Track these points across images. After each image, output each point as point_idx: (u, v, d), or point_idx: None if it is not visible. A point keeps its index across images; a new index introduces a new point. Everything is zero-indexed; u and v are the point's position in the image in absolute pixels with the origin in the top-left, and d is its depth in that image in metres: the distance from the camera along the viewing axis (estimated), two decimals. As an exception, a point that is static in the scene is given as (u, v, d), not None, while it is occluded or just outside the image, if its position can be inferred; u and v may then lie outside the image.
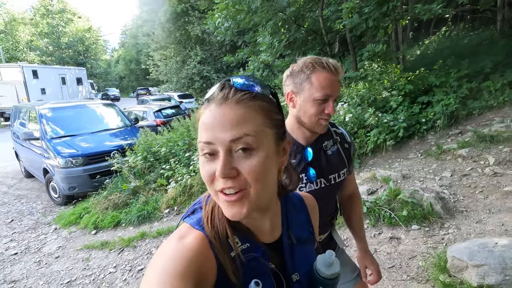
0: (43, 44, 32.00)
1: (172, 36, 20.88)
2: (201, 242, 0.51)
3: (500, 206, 2.78)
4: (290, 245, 0.62)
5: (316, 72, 0.96)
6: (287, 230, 0.63)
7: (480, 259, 1.90)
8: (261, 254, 0.56)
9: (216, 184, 0.50)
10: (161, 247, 0.51)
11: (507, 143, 3.73)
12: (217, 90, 0.52)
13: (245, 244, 0.55)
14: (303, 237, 0.66)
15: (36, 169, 5.75)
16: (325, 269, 0.60)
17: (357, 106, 5.04)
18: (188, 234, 0.52)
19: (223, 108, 0.49)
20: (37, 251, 3.56)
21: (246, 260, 0.54)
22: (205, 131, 0.49)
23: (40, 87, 16.20)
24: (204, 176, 0.51)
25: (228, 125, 0.48)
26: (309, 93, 0.97)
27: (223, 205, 0.51)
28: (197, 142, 0.52)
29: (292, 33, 7.48)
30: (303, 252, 0.65)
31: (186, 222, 0.56)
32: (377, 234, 2.77)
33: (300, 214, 0.70)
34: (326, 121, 1.00)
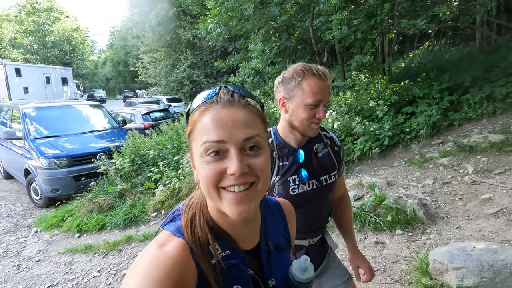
0: (27, 42, 31.08)
1: (163, 40, 20.78)
2: (182, 249, 0.51)
3: (478, 212, 2.92)
4: (267, 252, 0.63)
5: (306, 79, 1.01)
6: (265, 237, 0.64)
7: (459, 262, 1.99)
8: (241, 261, 0.57)
9: (224, 181, 0.50)
10: (141, 254, 0.51)
11: (484, 153, 3.92)
12: (221, 93, 0.54)
13: (226, 251, 0.56)
14: (280, 244, 0.68)
15: (16, 170, 5.55)
16: (300, 274, 0.62)
17: (345, 115, 5.18)
18: (169, 241, 0.52)
19: (233, 110, 0.51)
20: (16, 255, 3.43)
21: (227, 267, 0.55)
22: (215, 130, 0.50)
23: (23, 86, 15.69)
24: (209, 176, 0.50)
25: (242, 125, 0.51)
26: (301, 99, 1.02)
27: (229, 203, 0.51)
28: (186, 143, 0.54)
29: (283, 41, 7.63)
30: (279, 259, 0.66)
31: (166, 229, 0.55)
32: (362, 239, 2.85)
33: (278, 221, 0.71)
34: (317, 125, 1.05)
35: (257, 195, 0.53)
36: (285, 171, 1.10)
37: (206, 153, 0.50)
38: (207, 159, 0.51)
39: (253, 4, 6.44)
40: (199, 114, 0.53)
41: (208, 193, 0.52)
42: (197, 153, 0.52)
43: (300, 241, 1.17)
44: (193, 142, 0.54)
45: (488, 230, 2.64)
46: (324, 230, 1.26)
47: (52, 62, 30.40)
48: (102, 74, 47.64)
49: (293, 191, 1.09)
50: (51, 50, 32.84)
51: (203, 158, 0.51)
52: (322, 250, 1.26)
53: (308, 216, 1.15)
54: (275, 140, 1.12)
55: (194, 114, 0.54)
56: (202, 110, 0.53)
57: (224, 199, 0.51)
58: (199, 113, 0.53)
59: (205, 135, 0.50)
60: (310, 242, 1.18)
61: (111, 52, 48.21)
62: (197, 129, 0.52)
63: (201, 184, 0.53)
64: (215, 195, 0.52)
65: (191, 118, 0.55)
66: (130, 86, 40.54)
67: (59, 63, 30.12)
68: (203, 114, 0.52)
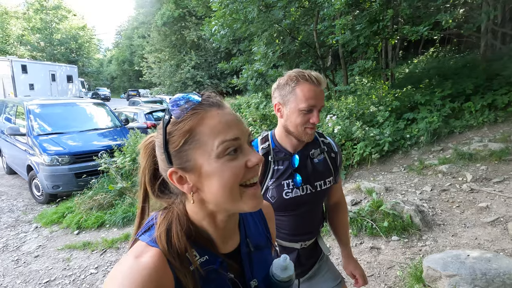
0: (34, 39, 31.42)
1: (168, 40, 20.94)
2: (158, 259, 0.51)
3: (474, 221, 2.92)
4: (248, 253, 0.64)
5: (299, 85, 1.04)
6: (245, 238, 0.65)
7: (453, 270, 2.00)
8: (220, 265, 0.57)
9: (246, 175, 0.53)
10: (117, 266, 0.51)
11: (484, 162, 3.92)
12: (209, 97, 0.56)
13: (204, 256, 0.56)
14: (261, 244, 0.68)
15: (19, 165, 5.61)
16: (280, 273, 0.63)
17: (346, 119, 5.20)
18: (144, 252, 0.52)
19: (227, 110, 0.55)
20: (16, 250, 3.47)
21: (205, 272, 0.55)
22: (229, 129, 0.52)
23: (29, 83, 15.89)
24: (236, 173, 0.51)
25: (241, 122, 0.56)
26: (295, 104, 1.04)
27: (250, 197, 0.54)
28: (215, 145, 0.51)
29: (286, 44, 7.67)
30: (260, 259, 0.67)
31: (142, 240, 0.55)
32: (358, 244, 2.85)
33: (257, 222, 0.72)
34: (312, 129, 1.06)
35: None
36: (279, 175, 1.12)
37: (224, 153, 0.51)
38: (227, 159, 0.51)
39: (257, 7, 6.49)
40: (196, 120, 0.52)
41: (230, 193, 0.52)
42: (210, 158, 0.51)
43: (292, 243, 1.19)
44: (193, 150, 0.52)
45: (484, 239, 2.64)
46: (317, 234, 1.27)
47: (58, 60, 30.69)
48: (107, 72, 47.99)
49: (286, 195, 1.11)
50: (58, 48, 33.18)
51: (222, 159, 0.51)
52: (314, 254, 1.27)
53: (301, 220, 1.17)
54: (271, 144, 1.14)
55: (186, 122, 0.52)
56: (198, 116, 0.52)
57: (245, 196, 0.54)
58: (195, 119, 0.52)
59: (219, 136, 0.51)
60: (302, 245, 1.20)
61: (117, 51, 48.60)
62: (201, 134, 0.51)
63: (217, 189, 0.52)
64: (237, 194, 0.53)
65: (180, 129, 0.52)
66: (135, 85, 40.79)
67: (65, 61, 30.40)
68: (202, 120, 0.52)
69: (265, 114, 6.37)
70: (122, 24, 55.55)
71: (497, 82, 5.45)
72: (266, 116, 6.23)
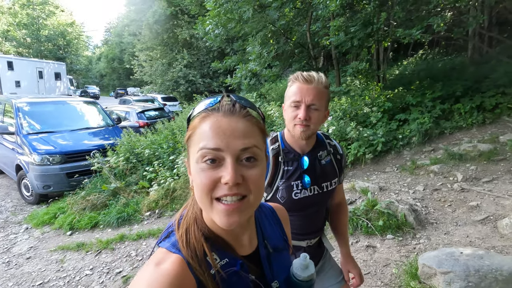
0: (20, 35, 30.51)
1: (160, 38, 20.69)
2: (179, 265, 0.51)
3: (465, 219, 3.01)
4: (267, 255, 0.64)
5: (292, 85, 1.11)
6: (263, 241, 0.65)
7: (447, 267, 2.06)
8: (240, 267, 0.57)
9: (217, 191, 0.50)
10: (139, 274, 0.51)
11: (473, 162, 4.04)
12: (223, 102, 0.55)
13: (224, 259, 0.56)
14: (279, 246, 0.68)
15: (7, 165, 5.46)
16: (302, 272, 0.63)
17: (340, 120, 5.27)
18: (165, 259, 0.52)
19: (233, 119, 0.52)
20: (6, 251, 3.38)
21: (227, 275, 0.55)
22: (213, 138, 0.50)
23: (15, 80, 15.45)
24: (204, 183, 0.50)
25: (240, 134, 0.51)
26: (287, 103, 1.12)
27: (219, 214, 0.51)
28: (184, 146, 0.55)
29: (281, 45, 7.71)
30: (280, 260, 0.67)
31: (162, 247, 0.55)
32: (354, 243, 2.90)
33: (273, 224, 0.72)
34: (301, 126, 1.08)
35: (249, 208, 0.54)
36: (289, 176, 1.14)
37: (202, 160, 0.51)
38: (202, 166, 0.51)
39: (252, 7, 6.49)
40: (199, 120, 0.53)
41: (201, 201, 0.53)
42: (193, 159, 0.53)
43: (299, 242, 1.21)
44: (191, 147, 0.54)
45: (475, 236, 2.73)
46: (322, 232, 1.31)
47: (45, 57, 29.92)
48: (96, 70, 47.08)
49: (295, 196, 1.14)
50: (45, 44, 32.31)
51: (199, 164, 0.51)
52: (319, 252, 1.30)
53: (308, 219, 1.20)
54: (281, 144, 1.17)
55: (194, 120, 0.55)
56: (202, 117, 0.53)
57: (214, 209, 0.52)
58: (199, 119, 0.54)
59: (203, 142, 0.51)
60: (308, 243, 1.23)
61: (106, 48, 47.71)
62: (196, 135, 0.53)
63: (194, 191, 0.54)
64: (207, 204, 0.52)
65: (191, 123, 0.55)
66: (125, 83, 40.17)
67: (53, 58, 29.64)
68: (203, 121, 0.53)
69: (260, 114, 6.37)
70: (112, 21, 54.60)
71: (485, 84, 5.62)
72: (260, 116, 6.23)
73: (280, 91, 11.33)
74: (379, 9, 5.27)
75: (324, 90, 1.10)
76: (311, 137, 1.13)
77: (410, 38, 4.95)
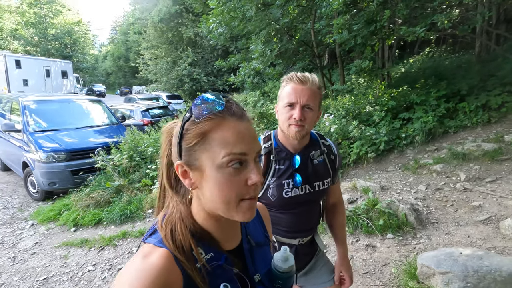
0: (28, 34, 30.93)
1: (164, 36, 20.79)
2: (166, 258, 0.53)
3: (467, 219, 2.99)
4: (250, 249, 0.67)
5: (286, 86, 1.12)
6: (246, 236, 0.68)
7: (446, 267, 2.05)
8: (225, 261, 0.59)
9: (244, 192, 0.54)
10: (125, 267, 0.52)
11: (477, 162, 4.00)
12: (231, 106, 0.55)
13: (209, 253, 0.59)
14: (260, 241, 0.72)
15: (14, 162, 5.56)
16: (282, 264, 0.66)
17: (342, 118, 5.25)
18: (152, 252, 0.54)
19: (245, 123, 0.56)
20: (12, 247, 3.46)
21: (212, 268, 0.57)
22: (239, 143, 0.53)
23: (23, 78, 15.66)
24: (234, 187, 0.53)
25: (254, 137, 0.56)
26: (281, 104, 1.13)
27: (244, 211, 0.55)
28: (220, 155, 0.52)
29: (284, 43, 7.69)
30: (261, 254, 0.70)
31: (148, 242, 0.57)
32: (354, 242, 2.90)
33: (255, 221, 0.75)
34: (296, 126, 1.09)
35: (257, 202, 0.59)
36: (280, 174, 1.15)
37: (227, 165, 0.52)
38: (229, 171, 0.53)
39: (255, 5, 6.48)
40: (213, 125, 0.53)
41: (228, 203, 0.54)
42: (214, 164, 0.53)
43: (290, 240, 1.22)
44: (202, 152, 0.54)
45: (476, 237, 2.71)
46: (314, 231, 1.32)
47: (52, 55, 30.29)
48: (102, 68, 47.52)
49: (286, 194, 1.15)
50: (52, 43, 32.72)
51: (224, 169, 0.53)
52: (311, 250, 1.32)
53: (299, 218, 1.21)
54: (274, 143, 1.18)
55: (202, 125, 0.53)
56: (215, 122, 0.53)
57: (240, 208, 0.55)
58: (211, 124, 0.53)
59: (227, 147, 0.52)
60: (300, 241, 1.24)
61: (112, 46, 48.11)
62: (213, 140, 0.53)
63: (216, 194, 0.54)
64: (234, 205, 0.55)
65: (197, 129, 0.53)
66: (130, 81, 40.49)
67: (60, 56, 30.01)
68: (219, 126, 0.53)
69: (263, 112, 6.39)
70: (118, 19, 54.95)
71: (491, 83, 5.54)
72: (263, 115, 6.25)
73: (283, 90, 11.29)
74: (383, 6, 5.22)
75: (318, 90, 1.11)
76: (304, 137, 1.14)
77: (414, 36, 4.89)
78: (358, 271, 2.51)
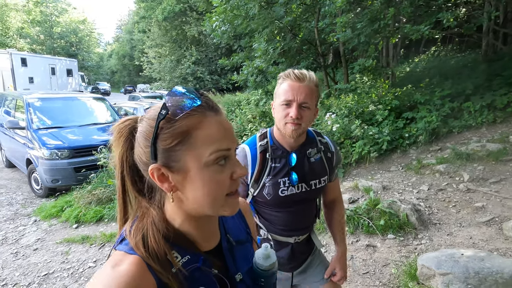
0: (34, 32, 31.24)
1: (168, 35, 20.84)
2: (137, 265, 0.50)
3: (470, 220, 2.95)
4: (229, 248, 0.64)
5: (282, 83, 1.10)
6: (225, 235, 0.66)
7: (446, 268, 2.03)
8: (203, 263, 0.57)
9: (232, 185, 0.54)
10: (95, 276, 0.49)
11: (481, 162, 3.94)
12: (208, 101, 0.53)
13: (186, 257, 0.56)
14: (241, 239, 0.69)
15: (18, 159, 5.62)
16: (263, 261, 0.64)
17: (345, 117, 5.21)
18: (123, 260, 0.51)
19: (223, 117, 0.54)
20: (15, 242, 3.50)
21: (189, 272, 0.54)
22: (224, 139, 0.52)
23: (28, 76, 15.83)
24: (222, 183, 0.53)
25: (233, 131, 0.56)
26: (277, 101, 1.11)
27: (233, 205, 0.56)
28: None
29: (287, 41, 7.64)
30: (242, 252, 0.67)
31: (119, 249, 0.53)
32: (354, 241, 2.88)
33: (235, 217, 0.72)
34: (293, 125, 1.07)
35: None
36: (276, 173, 1.14)
37: (214, 162, 0.51)
38: (216, 169, 0.51)
39: (259, 4, 6.46)
40: (194, 122, 0.50)
41: (215, 200, 0.53)
42: (200, 163, 0.51)
43: (286, 238, 1.21)
44: (185, 152, 0.50)
45: (478, 238, 2.67)
46: (311, 229, 1.30)
47: (58, 53, 30.56)
48: (107, 67, 47.83)
49: (282, 193, 1.13)
50: (58, 41, 33.02)
51: (210, 167, 0.51)
52: (307, 248, 1.30)
53: (295, 216, 1.20)
54: (270, 141, 1.16)
55: (183, 123, 0.50)
56: (197, 119, 0.50)
57: (227, 203, 0.55)
58: (193, 121, 0.50)
59: (214, 144, 0.50)
60: (296, 240, 1.23)
61: (117, 45, 48.41)
62: (197, 138, 0.50)
63: (203, 194, 0.52)
64: (222, 201, 0.54)
65: (175, 128, 0.50)
66: (135, 80, 40.71)
67: (65, 55, 30.25)
68: (201, 123, 0.50)
69: (265, 111, 6.37)
70: (123, 18, 55.24)
71: (496, 82, 5.46)
72: (265, 113, 6.23)
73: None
74: (387, 4, 5.16)
75: (315, 88, 1.09)
76: (301, 135, 1.13)
77: (419, 34, 4.83)
78: (358, 271, 2.49)
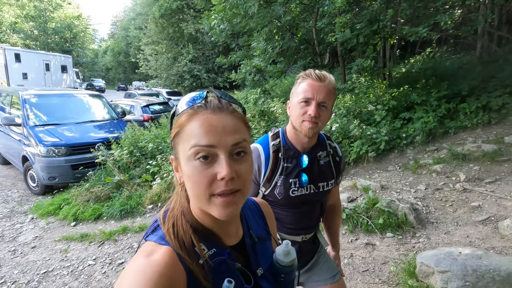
0: (28, 27, 30.72)
1: (165, 32, 20.69)
2: (169, 256, 0.52)
3: (466, 219, 3.00)
4: (252, 244, 0.66)
5: (302, 81, 1.10)
6: (248, 231, 0.68)
7: (445, 266, 2.07)
8: (228, 256, 0.59)
9: (214, 187, 0.52)
10: (128, 266, 0.51)
11: (477, 162, 4.01)
12: (210, 98, 0.56)
13: (212, 249, 0.58)
14: (262, 236, 0.71)
15: (14, 156, 5.56)
16: (284, 258, 0.66)
17: (343, 117, 5.25)
18: (155, 250, 0.53)
19: (222, 116, 0.54)
20: (12, 240, 3.46)
21: (215, 264, 0.57)
22: (205, 135, 0.51)
23: (22, 72, 15.57)
24: (201, 181, 0.52)
25: (230, 130, 0.53)
26: (296, 99, 1.11)
27: (218, 207, 0.53)
28: (169, 144, 0.55)
29: (286, 41, 7.66)
30: (263, 249, 0.70)
31: (150, 240, 0.56)
32: (354, 240, 2.92)
33: (257, 216, 0.75)
34: (310, 123, 1.08)
35: (242, 199, 0.56)
36: (288, 173, 1.16)
37: (195, 157, 0.52)
38: (195, 164, 0.52)
39: (258, 2, 6.46)
40: (187, 117, 0.53)
41: (198, 197, 0.54)
42: (184, 156, 0.53)
43: (294, 236, 1.24)
44: (179, 144, 0.55)
45: (475, 237, 2.73)
46: (317, 228, 1.33)
47: (52, 49, 30.12)
48: (102, 63, 47.31)
49: (292, 193, 1.16)
50: (52, 37, 32.52)
51: (192, 162, 0.52)
52: (313, 247, 1.33)
53: (302, 216, 1.22)
54: (282, 141, 1.18)
55: (181, 117, 0.54)
56: (190, 114, 0.54)
57: (212, 204, 0.53)
58: (187, 116, 0.54)
59: (194, 139, 0.52)
60: (303, 238, 1.25)
61: (112, 41, 47.89)
62: (185, 133, 0.53)
63: (189, 188, 0.55)
64: (205, 200, 0.53)
65: (176, 121, 0.55)
66: (130, 77, 40.38)
67: (59, 50, 29.84)
68: (191, 118, 0.53)
69: (263, 110, 6.38)
70: (118, 14, 54.63)
71: (492, 84, 5.54)
72: (264, 112, 6.25)
73: (284, 88, 11.29)
74: (386, 5, 5.20)
75: (334, 90, 1.11)
76: (315, 135, 1.14)
77: (417, 36, 4.88)
78: (357, 269, 2.53)
